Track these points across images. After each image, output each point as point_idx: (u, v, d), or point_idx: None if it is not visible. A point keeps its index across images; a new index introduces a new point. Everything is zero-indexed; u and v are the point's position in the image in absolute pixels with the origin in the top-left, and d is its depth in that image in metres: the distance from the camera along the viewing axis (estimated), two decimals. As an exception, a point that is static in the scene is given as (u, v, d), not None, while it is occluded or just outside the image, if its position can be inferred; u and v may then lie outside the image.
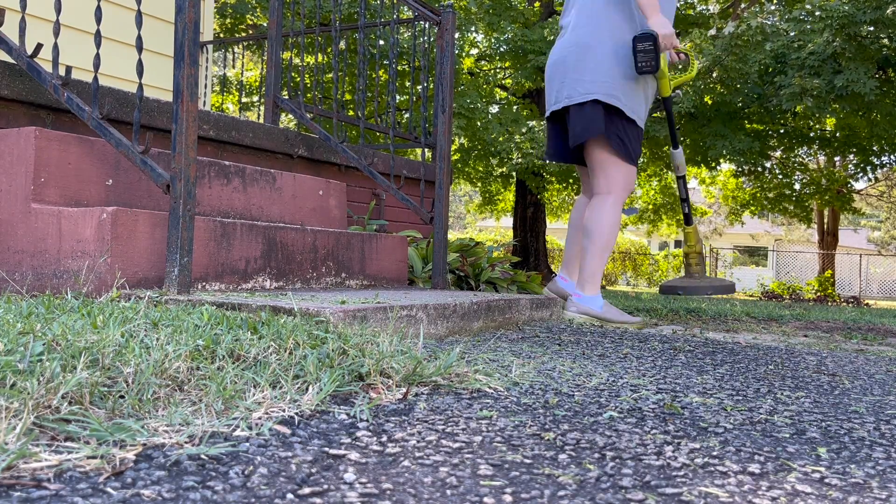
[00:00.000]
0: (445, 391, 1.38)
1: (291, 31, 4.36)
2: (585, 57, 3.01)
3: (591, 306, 3.05)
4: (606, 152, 3.04)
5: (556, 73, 3.11)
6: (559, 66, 3.10)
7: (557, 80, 3.10)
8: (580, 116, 3.01)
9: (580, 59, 3.02)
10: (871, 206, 27.15)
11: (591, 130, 2.98)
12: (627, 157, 3.05)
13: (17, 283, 2.15)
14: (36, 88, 2.59)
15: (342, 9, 9.56)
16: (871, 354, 2.47)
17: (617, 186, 3.06)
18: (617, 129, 3.01)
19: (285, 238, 2.56)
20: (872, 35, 9.12)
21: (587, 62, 3.00)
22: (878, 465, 1.05)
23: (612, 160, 3.04)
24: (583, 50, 3.02)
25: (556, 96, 3.11)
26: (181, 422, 1.00)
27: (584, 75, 3.00)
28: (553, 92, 3.13)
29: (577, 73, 3.02)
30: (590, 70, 2.99)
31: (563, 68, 3.07)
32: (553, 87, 3.14)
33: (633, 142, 3.06)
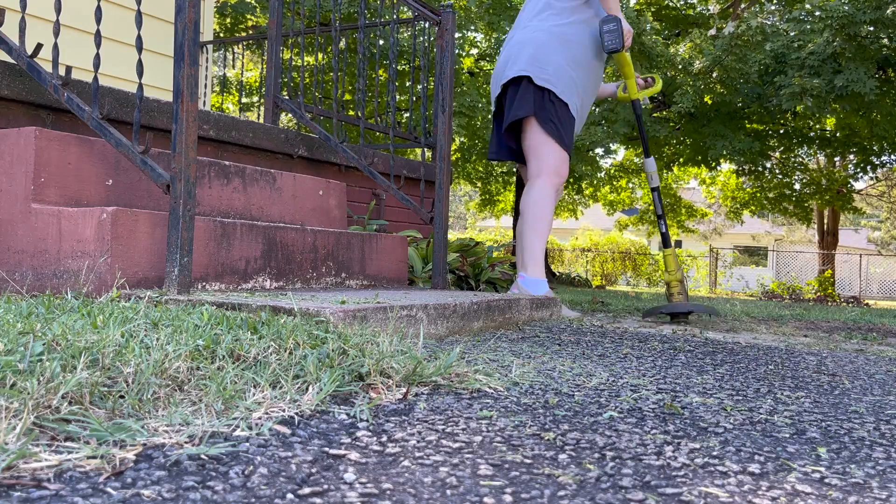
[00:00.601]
0: (445, 391, 1.38)
1: (291, 30, 4.36)
2: (522, 49, 3.21)
3: (534, 291, 3.11)
4: (539, 135, 3.18)
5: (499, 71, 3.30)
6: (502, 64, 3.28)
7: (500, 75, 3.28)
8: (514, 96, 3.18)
9: (519, 52, 3.21)
10: (871, 206, 27.15)
11: (523, 109, 3.14)
12: (559, 140, 3.18)
13: (17, 283, 2.15)
14: (36, 88, 2.59)
15: (342, 8, 9.56)
16: (871, 354, 2.48)
17: (547, 168, 3.19)
18: (549, 113, 3.15)
19: (285, 238, 2.56)
20: (872, 35, 9.12)
21: (523, 52, 3.19)
22: (878, 465, 1.05)
23: (544, 143, 3.18)
24: (520, 45, 3.24)
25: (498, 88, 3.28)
26: (181, 422, 1.00)
27: (519, 61, 3.18)
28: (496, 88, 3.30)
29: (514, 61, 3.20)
30: (525, 56, 3.18)
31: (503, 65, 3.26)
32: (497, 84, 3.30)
33: (565, 126, 3.20)
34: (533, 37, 3.21)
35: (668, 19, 12.95)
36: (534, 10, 3.31)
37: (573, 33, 3.23)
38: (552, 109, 3.15)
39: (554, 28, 3.21)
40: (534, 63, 3.15)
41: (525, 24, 3.30)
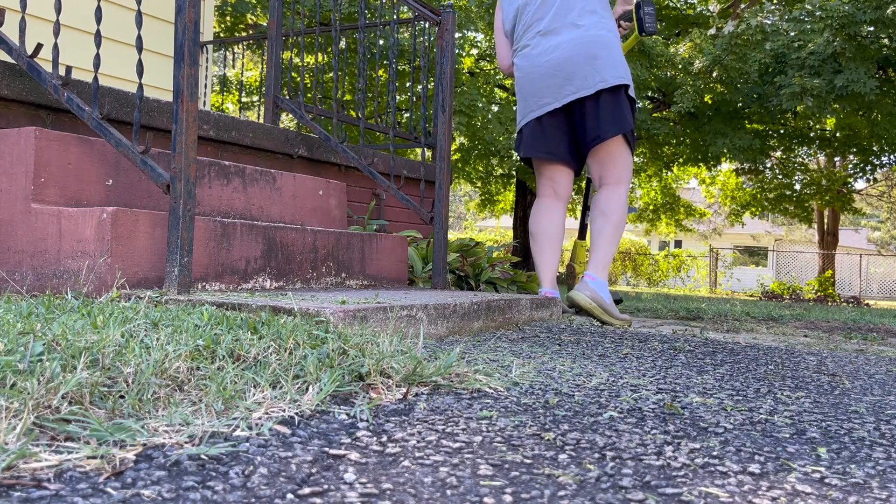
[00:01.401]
0: (445, 391, 1.38)
1: (291, 30, 4.36)
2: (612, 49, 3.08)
3: (603, 294, 3.07)
4: (623, 144, 3.16)
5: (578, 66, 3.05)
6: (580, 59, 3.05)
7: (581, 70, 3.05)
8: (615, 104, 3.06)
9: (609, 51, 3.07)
10: (871, 206, 27.14)
11: (628, 122, 3.08)
12: (633, 149, 3.21)
13: (17, 283, 2.15)
14: (36, 88, 2.59)
15: (342, 8, 9.56)
16: (871, 354, 2.47)
17: (627, 176, 3.19)
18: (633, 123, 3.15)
19: (285, 238, 2.56)
20: (872, 35, 9.12)
21: (614, 52, 3.08)
22: (879, 465, 1.05)
23: (625, 151, 3.17)
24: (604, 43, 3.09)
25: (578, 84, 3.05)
26: (181, 422, 1.00)
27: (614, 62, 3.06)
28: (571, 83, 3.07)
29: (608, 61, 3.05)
30: (617, 59, 3.08)
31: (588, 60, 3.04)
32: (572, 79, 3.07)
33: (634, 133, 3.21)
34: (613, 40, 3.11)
35: (668, 19, 12.95)
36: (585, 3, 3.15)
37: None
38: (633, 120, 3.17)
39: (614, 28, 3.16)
40: (625, 69, 3.10)
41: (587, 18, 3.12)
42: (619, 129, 3.07)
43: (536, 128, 3.20)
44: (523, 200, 13.69)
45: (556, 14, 3.15)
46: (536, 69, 3.16)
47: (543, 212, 3.29)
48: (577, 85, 3.06)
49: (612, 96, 3.06)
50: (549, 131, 3.19)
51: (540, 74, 3.15)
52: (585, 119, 3.11)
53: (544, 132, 3.20)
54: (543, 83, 3.14)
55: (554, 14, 3.16)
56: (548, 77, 3.12)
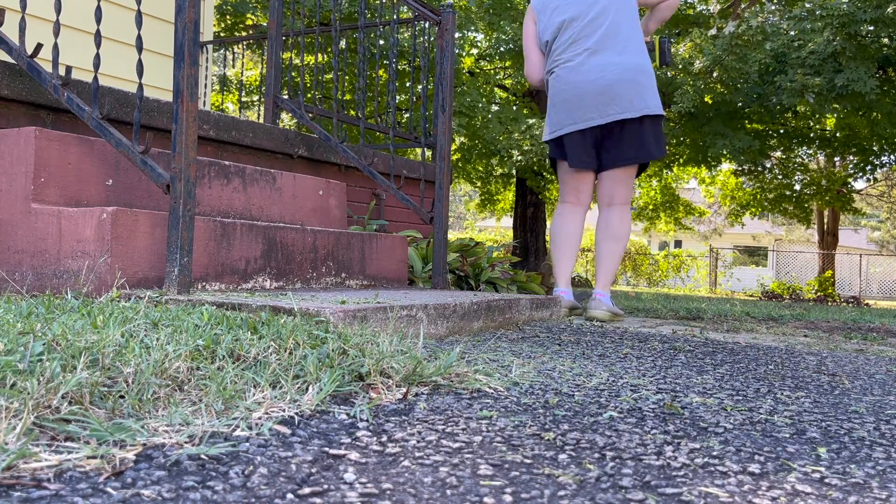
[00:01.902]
0: (445, 391, 1.38)
1: (291, 30, 4.36)
2: (651, 79, 3.36)
3: (613, 305, 3.42)
4: (635, 169, 3.43)
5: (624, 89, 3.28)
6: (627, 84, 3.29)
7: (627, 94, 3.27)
8: (655, 131, 3.36)
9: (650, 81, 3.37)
10: (871, 206, 27.14)
11: (662, 150, 3.37)
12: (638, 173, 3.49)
13: (17, 283, 2.15)
14: (36, 88, 2.59)
15: (342, 8, 9.56)
16: (871, 354, 2.48)
17: (631, 197, 3.49)
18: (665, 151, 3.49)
19: (285, 238, 2.56)
20: (873, 34, 9.12)
21: (652, 82, 3.35)
22: (878, 465, 1.05)
23: (633, 175, 3.45)
24: (647, 72, 3.35)
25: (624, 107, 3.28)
26: (181, 422, 1.00)
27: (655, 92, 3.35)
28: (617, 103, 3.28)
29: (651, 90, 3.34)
30: (655, 89, 3.36)
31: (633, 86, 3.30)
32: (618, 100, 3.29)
33: None
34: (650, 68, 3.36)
35: (667, 19, 12.92)
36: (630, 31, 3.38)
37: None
38: None
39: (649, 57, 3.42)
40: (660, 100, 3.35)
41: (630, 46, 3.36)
42: (659, 153, 3.37)
43: (580, 140, 3.40)
44: (523, 200, 13.69)
45: (604, 35, 3.35)
46: (585, 85, 3.33)
47: (566, 216, 3.52)
48: (622, 107, 3.28)
49: (653, 123, 3.34)
50: (587, 144, 3.41)
51: (589, 91, 3.32)
52: (623, 140, 3.34)
53: (584, 144, 3.41)
54: (591, 100, 3.32)
55: (603, 35, 3.35)
56: (597, 94, 3.31)
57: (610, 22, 3.35)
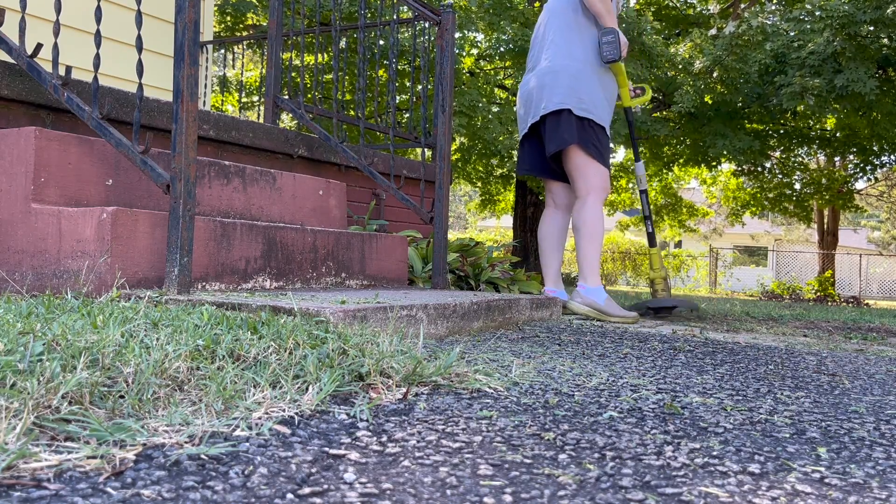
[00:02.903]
0: (445, 391, 1.38)
1: (291, 30, 4.35)
2: (557, 78, 3.44)
3: (596, 298, 3.41)
4: (583, 158, 3.44)
5: (532, 96, 3.55)
6: (535, 90, 3.50)
7: (534, 100, 3.52)
8: (555, 126, 3.43)
9: (554, 80, 3.44)
10: (871, 206, 27.14)
11: (566, 140, 3.40)
12: (601, 161, 3.46)
13: (17, 283, 2.15)
14: (36, 88, 2.59)
15: (342, 8, 9.56)
16: (871, 354, 2.48)
17: (595, 187, 3.46)
18: (590, 137, 3.43)
19: (285, 238, 2.56)
20: (872, 35, 9.12)
21: (559, 81, 3.43)
22: (878, 465, 1.05)
23: (587, 163, 3.45)
24: (554, 73, 3.45)
25: (532, 112, 3.51)
26: (181, 422, 1.00)
27: (556, 90, 3.42)
28: (529, 112, 3.55)
29: (551, 90, 3.44)
30: (562, 86, 3.42)
31: (538, 91, 3.48)
32: (529, 109, 3.54)
33: (604, 146, 3.50)
34: (565, 65, 3.43)
35: (668, 19, 12.95)
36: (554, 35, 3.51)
37: (595, 56, 3.47)
38: (592, 135, 3.42)
39: (580, 54, 3.44)
40: (572, 94, 3.38)
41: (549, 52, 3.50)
42: (554, 145, 3.41)
43: (520, 150, 3.72)
44: (523, 200, 13.69)
45: (538, 50, 3.60)
46: (518, 102, 3.68)
47: (545, 219, 3.72)
48: (532, 113, 3.51)
49: (553, 119, 3.42)
50: (528, 152, 3.66)
51: (518, 106, 3.66)
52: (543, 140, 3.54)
53: (524, 153, 3.69)
54: (519, 112, 3.65)
55: (537, 51, 3.61)
56: (521, 108, 3.64)
57: (541, 35, 3.60)
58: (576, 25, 3.49)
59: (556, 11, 3.56)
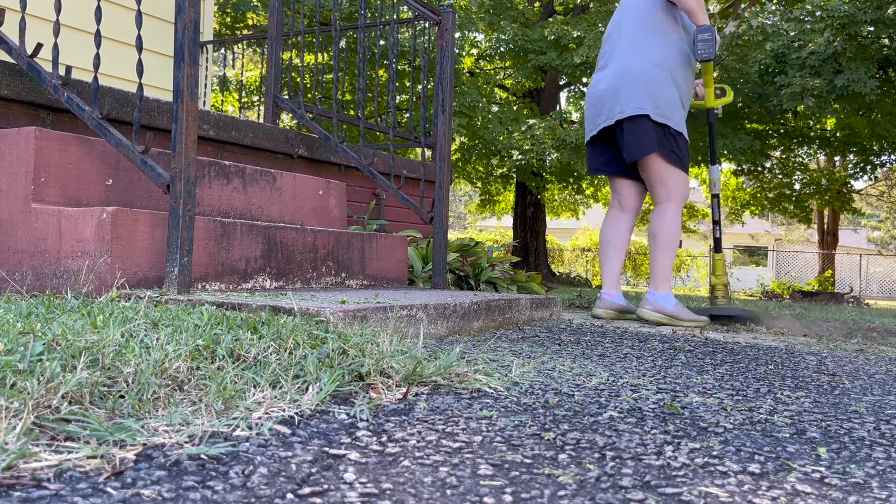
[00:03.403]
0: (445, 391, 1.38)
1: (291, 30, 4.35)
2: (634, 81, 3.33)
3: (666, 304, 3.37)
4: (662, 166, 3.37)
5: (607, 97, 3.40)
6: (610, 92, 3.39)
7: (609, 102, 3.39)
8: (634, 132, 3.34)
9: (631, 83, 3.33)
10: (871, 206, 27.14)
11: (648, 148, 3.32)
12: (681, 167, 3.39)
13: (17, 283, 2.15)
14: (36, 88, 2.59)
15: (342, 8, 9.55)
16: (871, 354, 2.48)
17: (676, 194, 3.41)
18: (669, 144, 3.35)
19: (285, 238, 2.56)
20: (873, 35, 9.11)
21: (636, 84, 3.33)
22: (878, 465, 1.05)
23: (667, 171, 3.38)
24: (631, 76, 3.34)
25: (606, 115, 3.40)
26: (181, 422, 1.00)
27: (633, 94, 3.32)
28: (601, 114, 3.42)
29: (628, 93, 3.33)
30: (639, 90, 3.32)
31: (614, 93, 3.38)
32: (602, 110, 3.43)
33: (682, 152, 3.41)
34: (642, 68, 3.34)
35: (668, 19, 12.92)
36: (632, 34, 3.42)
37: (674, 58, 3.39)
38: (672, 141, 3.35)
39: (663, 59, 3.36)
40: (649, 99, 3.31)
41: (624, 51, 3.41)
42: (636, 153, 3.33)
43: (589, 150, 3.63)
44: (523, 200, 13.68)
45: (611, 48, 3.49)
46: (587, 101, 3.57)
47: (608, 222, 3.63)
48: (605, 115, 3.41)
49: (630, 125, 3.33)
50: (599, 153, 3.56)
51: (588, 107, 3.55)
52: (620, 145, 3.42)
53: (595, 154, 3.59)
54: (588, 114, 3.54)
55: (610, 49, 3.50)
56: (591, 108, 3.51)
57: (617, 34, 3.48)
58: (656, 25, 3.39)
59: (636, 9, 3.45)
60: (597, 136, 3.50)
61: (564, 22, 10.95)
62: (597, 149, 3.56)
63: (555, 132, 10.61)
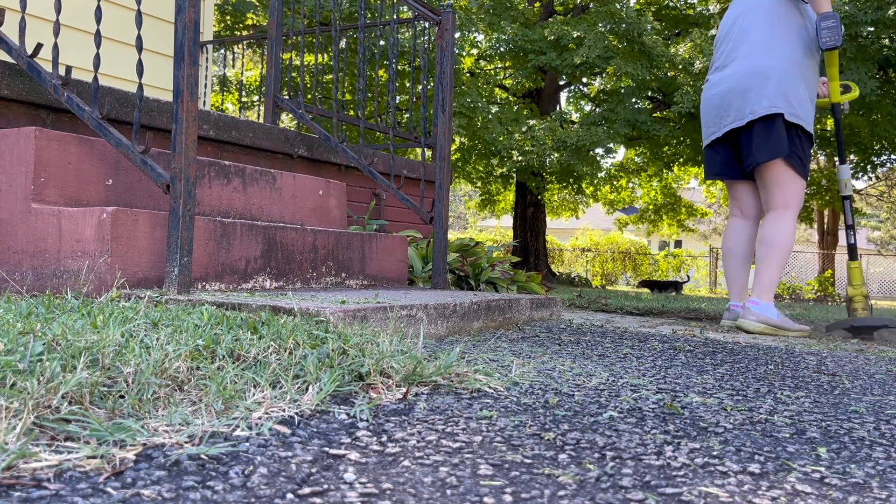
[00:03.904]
0: (445, 391, 1.38)
1: (291, 30, 4.36)
2: (765, 79, 3.20)
3: (769, 314, 3.21)
4: (785, 171, 3.23)
5: (733, 98, 3.27)
6: (735, 92, 3.26)
7: (736, 103, 3.26)
8: (766, 133, 3.19)
9: (762, 82, 3.19)
10: (871, 206, 27.14)
11: (776, 151, 3.17)
12: (803, 173, 3.26)
13: (17, 283, 2.15)
14: (36, 88, 2.59)
15: (342, 8, 9.55)
16: (871, 354, 2.48)
17: (794, 201, 3.26)
18: (796, 148, 3.21)
19: (285, 238, 2.56)
20: (873, 35, 9.11)
21: (767, 83, 3.19)
22: (878, 465, 1.05)
23: (789, 176, 3.24)
24: (761, 75, 3.21)
25: (734, 116, 3.27)
26: (181, 422, 1.00)
27: (764, 93, 3.18)
28: (727, 115, 3.30)
29: (758, 92, 3.19)
30: (770, 89, 3.18)
31: (741, 93, 3.24)
32: (727, 111, 3.30)
33: (807, 158, 3.27)
34: (771, 66, 3.21)
35: (668, 19, 12.94)
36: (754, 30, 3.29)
37: (802, 53, 3.25)
38: (799, 145, 3.22)
39: (791, 55, 3.22)
40: (782, 98, 3.18)
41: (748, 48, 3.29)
42: (766, 156, 3.19)
43: (708, 153, 3.50)
44: (523, 200, 13.68)
45: (732, 47, 3.36)
46: (707, 101, 3.45)
47: (729, 231, 3.53)
48: (732, 116, 3.28)
49: (763, 126, 3.20)
50: (718, 156, 3.44)
51: (708, 107, 3.43)
52: (744, 147, 3.29)
53: (714, 158, 3.46)
54: (708, 116, 3.42)
55: (730, 48, 3.37)
56: (713, 109, 3.39)
57: (738, 31, 3.35)
58: (779, 18, 3.26)
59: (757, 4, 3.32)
60: (719, 138, 3.37)
61: (564, 22, 10.95)
62: (716, 151, 3.43)
63: (555, 133, 10.61)
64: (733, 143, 3.36)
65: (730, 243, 3.48)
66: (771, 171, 3.24)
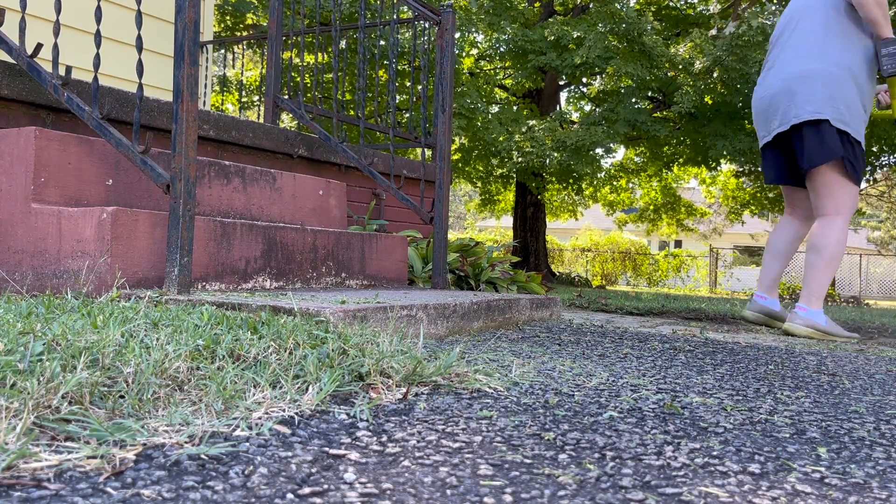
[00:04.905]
0: (445, 391, 1.38)
1: (291, 30, 4.36)
2: (813, 83, 3.16)
3: (818, 320, 3.18)
4: (836, 175, 3.18)
5: (780, 101, 3.24)
6: (782, 95, 3.24)
7: (782, 106, 3.23)
8: (816, 137, 3.16)
9: (809, 86, 3.17)
10: (871, 206, 27.14)
11: (826, 155, 3.13)
12: (856, 179, 3.21)
13: (17, 283, 2.15)
14: (36, 88, 2.59)
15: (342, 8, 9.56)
16: (871, 354, 2.48)
17: (845, 208, 3.22)
18: (848, 153, 3.16)
19: (285, 238, 2.56)
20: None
21: (815, 87, 3.16)
22: (879, 465, 1.05)
23: (841, 182, 3.19)
24: (809, 78, 3.18)
25: (780, 120, 3.25)
26: (181, 422, 1.00)
27: (812, 97, 3.15)
28: (774, 118, 3.27)
29: (805, 97, 3.16)
30: (818, 93, 3.15)
31: (788, 96, 3.22)
32: (774, 115, 3.27)
33: (859, 163, 3.23)
34: (819, 69, 3.18)
35: (668, 19, 12.95)
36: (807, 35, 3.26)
37: (858, 61, 3.20)
38: (850, 150, 3.18)
39: (843, 60, 3.18)
40: (829, 103, 3.14)
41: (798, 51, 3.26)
42: (821, 159, 3.15)
43: (763, 156, 3.48)
44: (523, 200, 13.69)
45: (782, 48, 3.35)
46: (756, 104, 3.44)
47: (777, 228, 3.54)
48: (779, 120, 3.26)
49: (812, 130, 3.16)
50: (772, 161, 3.43)
51: (757, 110, 3.43)
52: (795, 152, 3.27)
53: (769, 163, 3.45)
54: (759, 118, 3.41)
55: (781, 49, 3.36)
56: (762, 112, 3.38)
57: (788, 34, 3.33)
58: (836, 27, 3.20)
59: (812, 9, 3.26)
60: (771, 141, 3.34)
61: (564, 22, 10.95)
62: (771, 155, 3.41)
63: (555, 133, 10.61)
64: (783, 148, 3.33)
65: (773, 239, 3.51)
66: (824, 175, 3.19)
